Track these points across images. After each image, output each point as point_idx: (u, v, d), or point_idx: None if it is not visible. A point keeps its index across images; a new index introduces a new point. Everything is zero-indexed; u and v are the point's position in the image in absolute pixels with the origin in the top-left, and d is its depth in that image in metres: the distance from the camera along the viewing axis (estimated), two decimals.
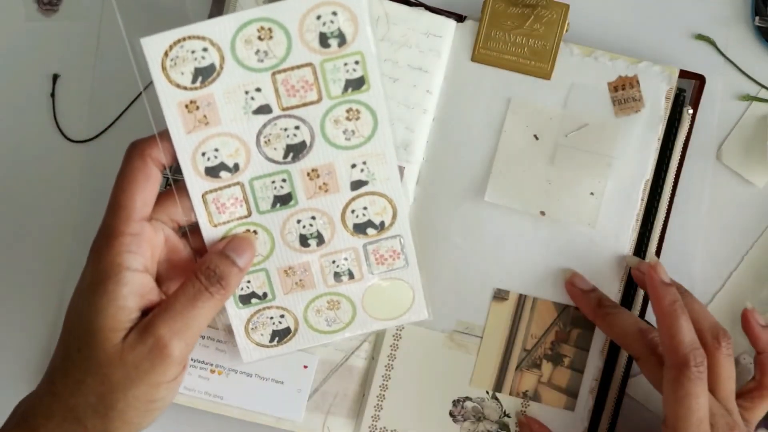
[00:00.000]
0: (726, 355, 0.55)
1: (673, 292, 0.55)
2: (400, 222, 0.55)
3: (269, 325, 0.57)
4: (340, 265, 0.56)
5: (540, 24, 0.60)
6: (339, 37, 0.49)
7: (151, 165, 0.49)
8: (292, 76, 0.50)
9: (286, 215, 0.53)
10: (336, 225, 0.54)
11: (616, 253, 0.60)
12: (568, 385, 0.61)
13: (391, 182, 0.54)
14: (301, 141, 0.52)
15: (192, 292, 0.50)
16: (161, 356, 0.48)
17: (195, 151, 0.50)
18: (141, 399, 0.48)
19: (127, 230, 0.49)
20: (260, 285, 0.55)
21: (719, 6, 0.65)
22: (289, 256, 0.55)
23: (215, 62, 0.49)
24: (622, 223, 0.60)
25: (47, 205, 0.66)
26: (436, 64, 0.61)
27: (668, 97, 0.60)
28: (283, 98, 0.50)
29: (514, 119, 0.60)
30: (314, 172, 0.53)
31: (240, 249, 0.52)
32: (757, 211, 0.64)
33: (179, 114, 0.49)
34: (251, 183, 0.52)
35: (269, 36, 0.49)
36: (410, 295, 0.58)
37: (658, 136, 0.60)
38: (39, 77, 0.66)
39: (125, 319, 0.48)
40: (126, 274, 0.48)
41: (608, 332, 0.59)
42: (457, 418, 0.61)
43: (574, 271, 0.60)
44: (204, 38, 0.48)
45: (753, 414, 0.56)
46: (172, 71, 0.48)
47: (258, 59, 0.49)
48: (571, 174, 0.60)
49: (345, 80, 0.51)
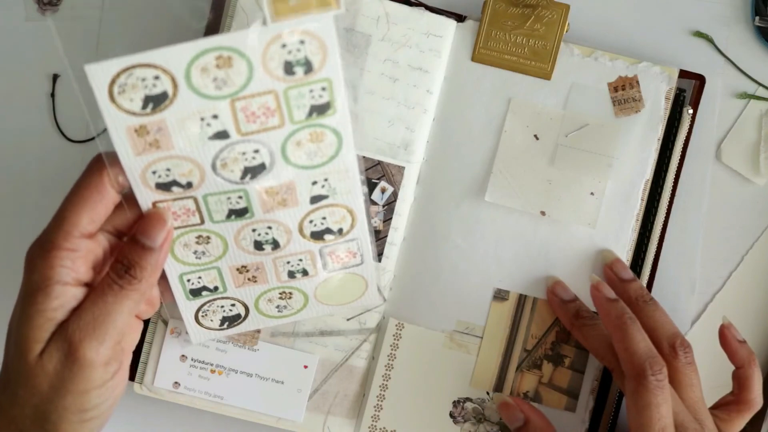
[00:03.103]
0: (685, 364, 0.55)
1: (619, 306, 0.56)
2: (359, 227, 0.55)
3: (219, 312, 0.57)
4: (294, 265, 0.55)
5: (540, 24, 0.60)
6: (305, 65, 0.47)
7: (107, 185, 0.48)
8: (253, 103, 0.48)
9: (241, 225, 0.52)
10: (293, 233, 0.54)
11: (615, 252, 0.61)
12: (568, 385, 0.61)
13: (353, 194, 0.53)
14: (260, 163, 0.50)
15: (101, 288, 0.48)
16: (76, 360, 0.46)
17: (145, 170, 0.49)
18: (71, 409, 0.47)
19: (64, 245, 0.47)
20: (211, 280, 0.55)
21: (719, 6, 0.65)
22: (243, 257, 0.54)
23: (167, 90, 0.46)
24: (622, 223, 0.60)
25: (47, 205, 0.66)
26: (437, 64, 0.61)
27: (668, 97, 0.60)
28: (242, 124, 0.49)
29: (515, 119, 0.60)
30: (272, 189, 0.51)
31: (149, 229, 0.49)
32: (757, 210, 0.64)
33: (128, 137, 0.47)
34: (205, 198, 0.51)
35: (228, 64, 0.46)
36: (363, 285, 0.58)
37: (658, 137, 0.60)
38: (39, 77, 0.66)
39: (50, 330, 0.47)
40: (56, 287, 0.47)
41: (583, 343, 0.59)
42: (457, 419, 0.61)
43: (557, 279, 0.60)
44: (155, 66, 0.46)
45: (730, 426, 0.56)
46: (120, 98, 0.46)
47: (215, 87, 0.47)
48: (571, 174, 0.60)
49: (310, 106, 0.49)
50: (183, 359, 0.61)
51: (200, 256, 0.53)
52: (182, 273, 0.54)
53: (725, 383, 0.58)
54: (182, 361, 0.61)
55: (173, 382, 0.61)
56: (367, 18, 0.60)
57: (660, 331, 0.56)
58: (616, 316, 0.55)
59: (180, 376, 0.61)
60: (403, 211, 0.61)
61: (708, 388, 0.57)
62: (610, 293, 0.57)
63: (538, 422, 0.58)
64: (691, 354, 0.55)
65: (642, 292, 0.58)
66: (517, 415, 0.59)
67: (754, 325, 0.64)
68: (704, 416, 0.54)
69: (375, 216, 0.61)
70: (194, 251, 0.53)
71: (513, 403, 0.59)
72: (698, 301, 0.64)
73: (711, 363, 0.61)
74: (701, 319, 0.64)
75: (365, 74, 0.60)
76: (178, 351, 0.61)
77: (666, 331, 0.56)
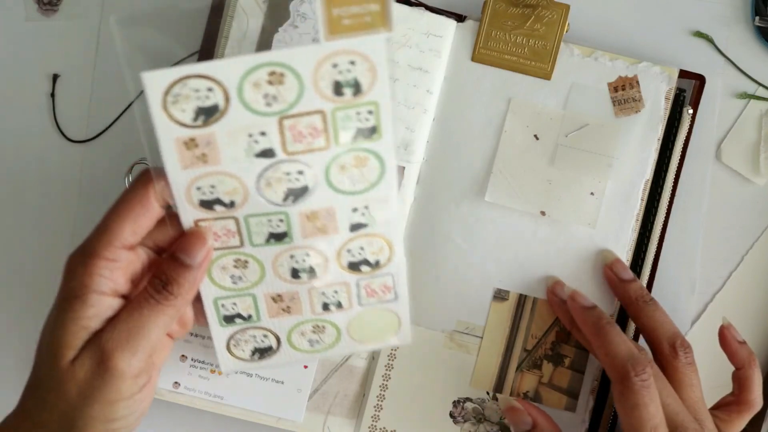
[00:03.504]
0: (685, 364, 0.55)
1: (596, 313, 0.56)
2: (396, 261, 0.54)
3: (251, 342, 0.56)
4: (329, 297, 0.55)
5: (540, 24, 0.60)
6: (354, 87, 0.47)
7: (152, 199, 0.48)
8: (301, 122, 0.48)
9: (280, 250, 0.52)
10: (330, 262, 0.53)
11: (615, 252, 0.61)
12: (568, 385, 0.61)
13: (392, 225, 0.53)
14: (303, 185, 0.50)
15: (138, 301, 0.48)
16: (107, 370, 0.47)
17: (190, 185, 0.49)
18: (98, 418, 0.47)
19: (104, 254, 0.48)
20: (246, 308, 0.54)
21: (719, 6, 0.65)
22: (279, 285, 0.53)
23: (219, 103, 0.47)
24: (622, 223, 0.60)
25: (47, 205, 0.66)
26: (437, 64, 0.61)
27: (668, 97, 0.60)
28: (289, 143, 0.48)
29: (515, 119, 0.60)
30: (313, 214, 0.51)
31: (189, 247, 0.49)
32: (757, 210, 0.64)
33: (176, 150, 0.48)
34: (246, 219, 0.51)
35: (280, 81, 0.47)
36: (396, 323, 0.57)
37: (658, 137, 0.60)
38: (39, 77, 0.66)
39: (83, 338, 0.47)
40: (93, 296, 0.47)
41: (584, 344, 0.60)
42: (457, 419, 0.61)
43: (557, 279, 0.60)
44: (210, 78, 0.46)
45: (730, 427, 0.56)
46: (172, 108, 0.46)
47: (266, 103, 0.47)
48: (571, 174, 0.60)
49: (356, 129, 0.49)
50: (183, 359, 0.61)
51: (237, 280, 0.53)
52: (217, 297, 0.53)
53: (725, 383, 0.58)
54: (182, 361, 0.61)
55: (173, 382, 0.61)
56: None
57: (660, 331, 0.56)
58: (593, 322, 0.55)
59: (180, 376, 0.61)
60: (403, 212, 0.61)
61: (708, 388, 0.57)
62: (587, 302, 0.57)
63: (547, 426, 0.58)
64: (691, 354, 0.55)
65: (642, 293, 0.58)
66: (525, 419, 0.58)
67: (754, 325, 0.64)
68: (704, 416, 0.54)
69: None
70: (231, 275, 0.53)
71: (521, 407, 0.59)
72: (698, 301, 0.64)
73: (711, 363, 0.61)
74: (701, 319, 0.64)
75: None
76: (178, 351, 0.61)
77: (666, 331, 0.56)
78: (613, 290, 0.59)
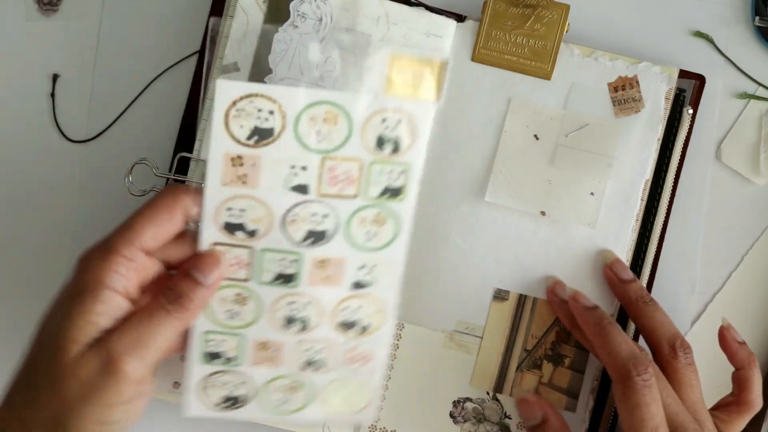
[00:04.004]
0: (685, 365, 0.55)
1: (598, 313, 0.56)
2: (384, 331, 0.55)
3: (225, 388, 0.56)
4: (314, 354, 0.55)
5: (541, 24, 0.60)
6: (394, 144, 0.50)
7: (178, 210, 0.49)
8: (340, 166, 0.50)
9: (282, 293, 0.53)
10: (325, 316, 0.54)
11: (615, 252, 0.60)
12: (568, 385, 0.61)
13: (391, 291, 0.54)
14: (324, 230, 0.51)
15: (150, 309, 0.48)
16: (113, 372, 0.46)
17: (223, 203, 0.50)
18: (93, 420, 0.47)
19: (123, 251, 0.48)
20: (231, 348, 0.54)
21: (719, 6, 0.65)
22: (270, 332, 0.54)
23: (276, 127, 0.49)
24: (622, 223, 0.60)
25: (47, 205, 0.66)
26: None
27: (668, 97, 0.60)
28: (324, 184, 0.50)
29: (515, 119, 0.60)
30: (324, 262, 0.52)
31: (204, 267, 0.50)
32: (757, 210, 0.64)
33: (223, 164, 0.49)
34: (262, 252, 0.52)
35: (334, 121, 0.49)
36: (365, 399, 0.57)
37: (658, 137, 0.60)
38: (39, 77, 0.66)
39: (90, 334, 0.47)
40: (106, 292, 0.47)
41: (584, 343, 0.60)
42: (457, 419, 0.61)
43: (557, 279, 0.60)
44: (275, 102, 0.48)
45: (730, 427, 0.56)
46: (233, 121, 0.48)
47: (316, 139, 0.49)
48: (571, 174, 0.60)
49: (385, 186, 0.51)
50: (183, 359, 0.61)
51: (232, 316, 0.53)
52: (207, 330, 0.53)
53: (725, 384, 0.58)
54: (182, 361, 0.61)
55: (173, 382, 0.61)
56: (367, 18, 0.60)
57: (660, 332, 0.56)
58: (595, 322, 0.56)
59: (180, 376, 0.61)
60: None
61: (708, 388, 0.57)
62: (588, 302, 0.57)
63: (557, 423, 0.58)
64: (691, 355, 0.55)
65: (642, 293, 0.58)
66: (536, 413, 0.58)
67: (754, 325, 0.64)
68: (704, 417, 0.54)
69: None
70: (228, 309, 0.53)
71: (533, 400, 0.59)
72: (698, 301, 0.64)
73: (711, 363, 0.61)
74: (701, 319, 0.64)
75: (366, 74, 0.60)
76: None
77: (666, 331, 0.56)
78: (613, 290, 0.59)
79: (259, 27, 0.60)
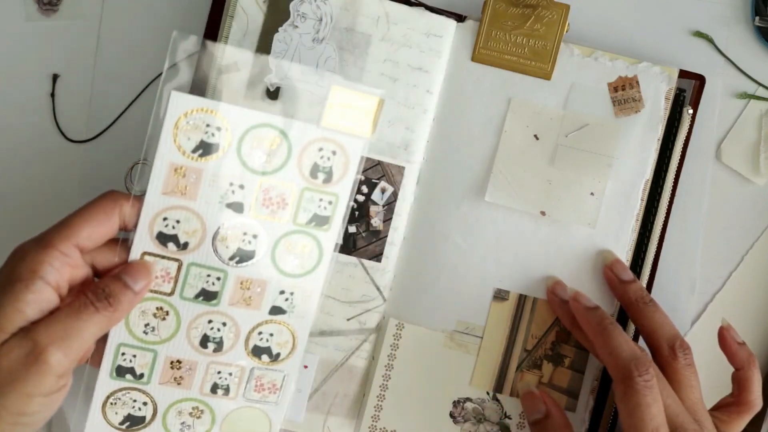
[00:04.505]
0: (685, 365, 0.55)
1: (599, 313, 0.56)
2: (293, 361, 0.57)
3: (128, 406, 0.56)
4: (223, 378, 0.56)
5: (540, 24, 0.60)
6: (327, 174, 0.53)
7: (116, 214, 0.51)
8: (275, 189, 0.52)
9: (203, 311, 0.54)
10: (240, 339, 0.55)
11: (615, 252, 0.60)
12: (568, 385, 0.61)
13: (305, 321, 0.56)
14: (252, 250, 0.53)
15: (77, 304, 0.49)
16: (36, 362, 0.46)
17: (159, 212, 0.52)
18: (10, 409, 0.47)
19: (59, 246, 0.49)
20: (143, 365, 0.55)
21: (719, 6, 0.65)
22: (184, 350, 0.55)
23: (221, 144, 0.51)
24: (622, 223, 0.60)
25: (47, 205, 0.66)
26: (437, 64, 0.61)
27: (668, 97, 0.60)
28: (257, 205, 0.52)
29: (515, 119, 0.60)
30: (247, 282, 0.54)
31: (135, 273, 0.52)
32: (757, 210, 0.64)
33: (165, 173, 0.51)
34: (189, 266, 0.53)
35: (275, 145, 0.51)
36: (267, 427, 0.58)
37: (658, 137, 0.60)
38: (39, 77, 0.66)
39: (16, 323, 0.47)
40: (39, 282, 0.48)
41: (584, 344, 0.60)
42: (457, 419, 0.61)
43: (557, 279, 0.60)
44: (224, 119, 0.50)
45: (730, 428, 0.56)
46: (181, 132, 0.50)
47: (257, 160, 0.51)
48: (571, 174, 0.60)
49: (313, 213, 0.54)
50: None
51: (148, 331, 0.54)
52: (122, 343, 0.54)
53: (725, 384, 0.58)
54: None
55: None
56: (367, 18, 0.60)
57: (659, 333, 0.56)
58: (596, 323, 0.56)
59: None
60: (402, 211, 0.61)
61: (708, 388, 0.57)
62: (589, 302, 0.58)
63: (559, 419, 0.58)
64: (691, 356, 0.55)
65: (642, 294, 0.58)
66: (540, 407, 0.58)
67: (754, 325, 0.64)
68: (704, 417, 0.54)
69: (375, 216, 0.60)
70: (147, 323, 0.54)
71: (538, 394, 0.59)
72: (698, 301, 0.64)
73: (711, 363, 0.61)
74: (701, 319, 0.64)
75: (365, 74, 0.60)
76: None
77: (666, 332, 0.56)
78: (613, 291, 0.59)
79: (259, 27, 0.60)
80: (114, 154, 0.65)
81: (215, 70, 0.54)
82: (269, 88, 0.55)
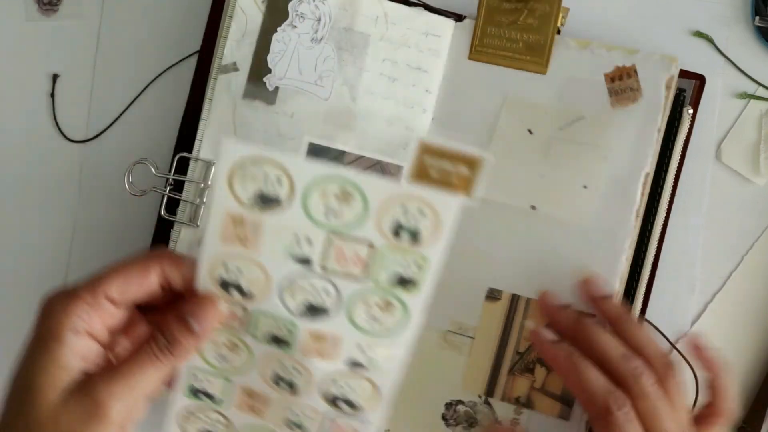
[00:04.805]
0: (676, 383, 0.54)
1: (564, 347, 0.55)
2: (375, 413, 0.53)
3: (204, 422, 0.55)
4: (297, 416, 0.54)
5: (534, 18, 0.60)
6: (413, 235, 0.46)
7: (153, 272, 0.48)
8: (348, 246, 0.47)
9: (275, 353, 0.51)
10: (314, 386, 0.52)
11: (613, 250, 0.59)
12: (562, 391, 0.60)
13: (389, 378, 0.51)
14: (323, 306, 0.49)
15: (138, 357, 0.48)
16: (97, 417, 0.46)
17: (219, 260, 0.48)
18: None
19: (86, 297, 0.47)
20: (217, 388, 0.53)
21: (719, 6, 0.64)
22: (258, 384, 0.53)
23: (282, 197, 0.46)
24: (620, 218, 0.59)
25: (47, 205, 0.66)
26: (435, 64, 0.61)
27: (668, 86, 0.59)
28: (329, 260, 0.47)
29: (509, 116, 0.60)
30: (320, 336, 0.50)
31: (200, 314, 0.49)
32: (757, 210, 0.64)
33: (223, 221, 0.47)
34: (256, 314, 0.50)
35: (347, 200, 0.46)
36: None
37: (658, 127, 0.59)
38: (39, 77, 0.66)
39: (65, 378, 0.46)
40: (68, 334, 0.47)
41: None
42: (449, 422, 0.61)
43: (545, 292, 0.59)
44: (285, 170, 0.45)
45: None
46: (236, 181, 0.45)
47: (325, 214, 0.46)
48: (564, 167, 0.59)
49: (398, 275, 0.48)
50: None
51: (221, 360, 0.52)
52: (195, 366, 0.53)
53: None
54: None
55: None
56: (366, 18, 0.60)
57: (647, 351, 0.55)
58: (564, 357, 0.54)
59: None
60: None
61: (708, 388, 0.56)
62: (550, 335, 0.56)
63: None
64: (679, 372, 0.54)
65: (619, 311, 0.56)
66: None
67: (754, 325, 0.64)
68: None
69: None
70: (219, 353, 0.52)
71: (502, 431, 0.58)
72: (698, 301, 0.64)
73: None
74: (701, 319, 0.64)
75: (364, 74, 0.60)
76: None
77: (654, 350, 0.55)
78: (593, 307, 0.58)
79: (258, 27, 0.60)
80: (114, 154, 0.66)
81: None
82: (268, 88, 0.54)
